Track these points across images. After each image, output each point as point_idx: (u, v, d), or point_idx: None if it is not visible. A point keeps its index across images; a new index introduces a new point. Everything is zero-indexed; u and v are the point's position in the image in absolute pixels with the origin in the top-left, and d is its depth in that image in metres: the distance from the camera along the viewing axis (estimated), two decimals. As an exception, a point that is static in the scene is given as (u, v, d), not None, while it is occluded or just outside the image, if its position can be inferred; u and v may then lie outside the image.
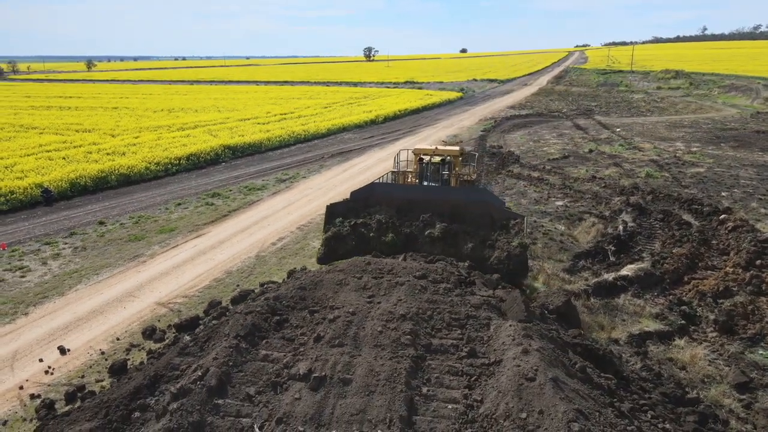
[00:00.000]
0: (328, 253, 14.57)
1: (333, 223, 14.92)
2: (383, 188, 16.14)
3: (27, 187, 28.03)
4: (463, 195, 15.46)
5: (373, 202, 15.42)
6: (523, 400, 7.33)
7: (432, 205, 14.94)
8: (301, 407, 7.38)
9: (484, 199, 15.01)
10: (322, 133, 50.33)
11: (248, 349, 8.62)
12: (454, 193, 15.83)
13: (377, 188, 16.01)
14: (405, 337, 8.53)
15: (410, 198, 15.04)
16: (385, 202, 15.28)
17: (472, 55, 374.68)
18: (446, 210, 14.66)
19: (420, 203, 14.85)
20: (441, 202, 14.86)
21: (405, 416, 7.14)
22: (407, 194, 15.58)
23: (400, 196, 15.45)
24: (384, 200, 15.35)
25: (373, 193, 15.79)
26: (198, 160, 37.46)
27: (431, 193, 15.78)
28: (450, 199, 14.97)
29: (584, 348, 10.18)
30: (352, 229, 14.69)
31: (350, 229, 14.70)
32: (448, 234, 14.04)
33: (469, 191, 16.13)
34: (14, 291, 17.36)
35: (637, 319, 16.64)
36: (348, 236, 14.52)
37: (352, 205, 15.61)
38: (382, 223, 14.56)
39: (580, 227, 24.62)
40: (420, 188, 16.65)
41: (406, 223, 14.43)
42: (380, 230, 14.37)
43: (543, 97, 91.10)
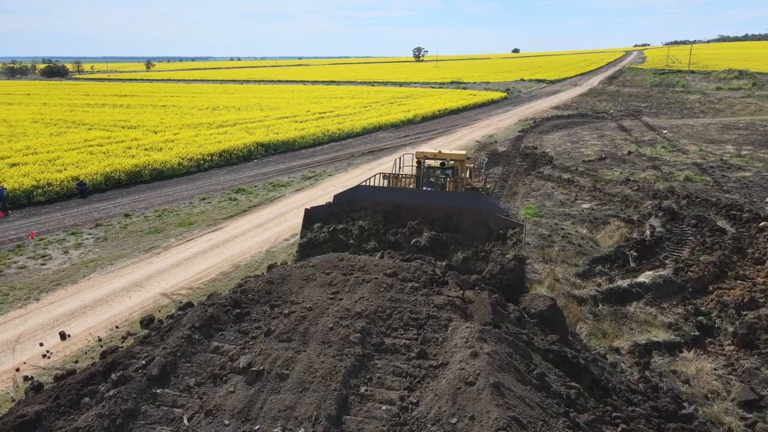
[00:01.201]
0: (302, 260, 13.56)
1: (311, 228, 14.30)
2: (369, 191, 15.20)
3: (64, 180, 29.36)
4: (457, 201, 14.32)
5: (358, 207, 14.59)
6: (457, 405, 7.04)
7: (423, 211, 13.98)
8: (232, 401, 7.34)
9: (479, 206, 13.86)
10: (357, 131, 50.49)
11: (201, 340, 8.66)
12: (447, 199, 14.56)
13: (362, 191, 15.17)
14: (354, 335, 8.36)
15: (398, 203, 14.27)
16: (371, 207, 14.41)
17: (524, 55, 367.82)
18: (439, 217, 13.79)
19: (410, 209, 14.05)
20: (433, 208, 13.97)
21: (333, 415, 6.98)
22: (395, 198, 14.62)
23: (387, 200, 14.54)
24: (370, 205, 14.48)
25: (358, 196, 14.96)
26: (230, 156, 38.26)
27: (422, 198, 14.68)
28: (442, 205, 14.02)
29: (557, 355, 9.70)
30: (331, 235, 13.82)
31: (328, 235, 13.83)
32: (436, 243, 13.08)
33: (464, 197, 14.69)
34: (33, 278, 18.17)
35: (647, 329, 15.82)
36: (325, 243, 13.62)
37: (335, 209, 14.81)
38: (364, 229, 13.67)
39: (603, 231, 23.68)
40: (409, 192, 15.26)
41: (391, 231, 13.55)
42: (362, 237, 13.48)
43: (591, 97, 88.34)
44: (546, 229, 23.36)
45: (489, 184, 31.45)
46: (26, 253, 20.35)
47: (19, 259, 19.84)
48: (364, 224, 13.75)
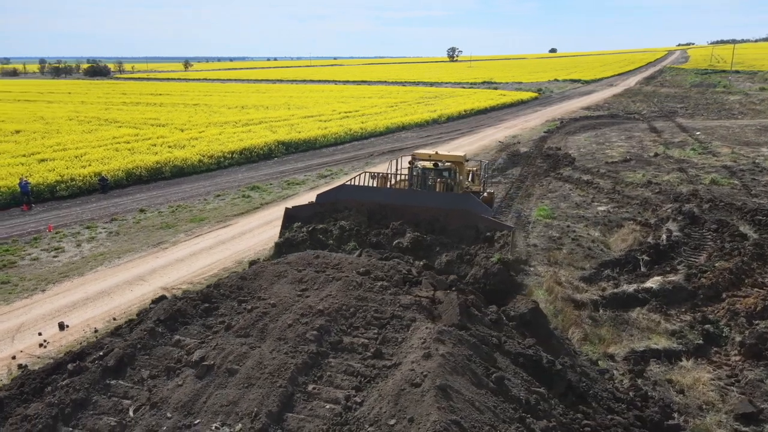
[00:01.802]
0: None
1: (290, 228, 14.01)
2: (353, 191, 14.82)
3: (87, 176, 30.26)
4: (444, 202, 13.81)
5: (341, 207, 14.24)
6: (398, 406, 6.90)
7: (409, 212, 13.53)
8: (179, 394, 7.39)
9: (467, 208, 13.36)
10: (380, 131, 50.49)
11: (164, 333, 8.76)
12: (434, 200, 14.02)
13: (346, 191, 14.81)
14: (311, 333, 8.30)
15: (383, 203, 13.96)
16: (355, 207, 14.06)
17: (561, 55, 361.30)
18: (425, 218, 13.38)
19: (395, 209, 13.64)
20: (419, 209, 13.52)
21: (274, 412, 6.94)
22: (380, 199, 14.20)
23: (371, 200, 14.17)
24: (354, 205, 14.13)
25: (341, 196, 14.62)
26: (251, 154, 38.75)
27: (407, 198, 14.22)
28: (428, 206, 13.56)
29: (528, 359, 9.44)
30: (310, 235, 13.49)
31: (307, 235, 13.52)
32: (419, 245, 12.66)
33: (451, 198, 14.15)
34: (43, 269, 18.76)
35: (647, 336, 15.29)
36: (302, 243, 13.31)
37: (318, 209, 14.49)
38: (345, 229, 13.30)
39: (616, 234, 23.03)
40: (395, 192, 14.73)
41: (373, 231, 13.16)
42: (342, 238, 13.14)
43: (625, 98, 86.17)
44: (557, 231, 22.87)
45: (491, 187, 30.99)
46: (41, 246, 21.04)
47: (33, 251, 20.52)
48: (345, 224, 13.37)
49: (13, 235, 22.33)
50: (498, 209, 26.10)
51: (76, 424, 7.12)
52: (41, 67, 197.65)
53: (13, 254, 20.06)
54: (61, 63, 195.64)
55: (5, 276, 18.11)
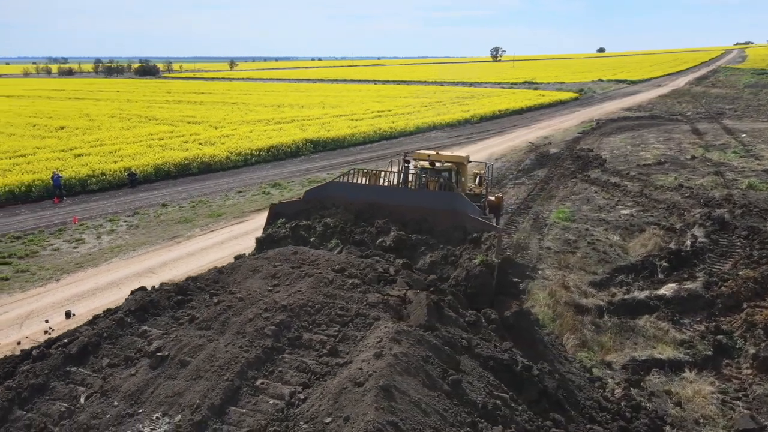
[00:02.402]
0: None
1: (273, 224, 13.93)
2: (341, 188, 14.56)
3: (117, 170, 31.32)
4: (432, 201, 13.42)
5: (329, 204, 14.01)
6: (337, 405, 6.81)
7: (396, 210, 13.25)
8: (129, 383, 7.51)
9: (454, 208, 12.88)
10: (410, 130, 50.33)
11: (132, 323, 8.93)
12: (422, 199, 13.64)
13: (334, 188, 14.59)
14: (270, 328, 8.29)
15: (371, 201, 13.61)
16: (342, 205, 13.81)
17: (609, 55, 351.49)
18: (413, 218, 13.09)
19: (383, 208, 13.37)
20: (407, 208, 13.21)
21: (216, 405, 6.96)
22: (367, 196, 13.89)
23: (359, 197, 13.88)
24: (342, 202, 13.89)
25: (329, 193, 14.41)
26: (278, 152, 39.27)
27: (395, 196, 13.90)
28: (416, 205, 13.22)
29: (500, 363, 9.18)
30: (292, 231, 13.34)
31: (289, 231, 13.36)
32: (403, 244, 12.33)
33: (439, 197, 13.73)
34: (61, 259, 19.50)
35: (653, 344, 14.69)
36: (284, 239, 13.14)
37: (305, 206, 14.30)
38: (329, 226, 13.07)
39: (637, 239, 22.21)
40: (382, 190, 14.43)
41: (358, 229, 12.93)
42: (325, 235, 12.94)
43: (672, 99, 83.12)
44: (573, 235, 22.26)
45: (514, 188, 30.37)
46: (64, 237, 21.88)
47: (56, 242, 21.36)
48: (329, 221, 13.24)
49: (41, 227, 23.31)
50: (516, 211, 25.63)
51: (30, 408, 7.35)
52: (95, 66, 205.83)
53: (36, 244, 20.93)
54: (113, 63, 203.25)
55: (26, 265, 18.91)
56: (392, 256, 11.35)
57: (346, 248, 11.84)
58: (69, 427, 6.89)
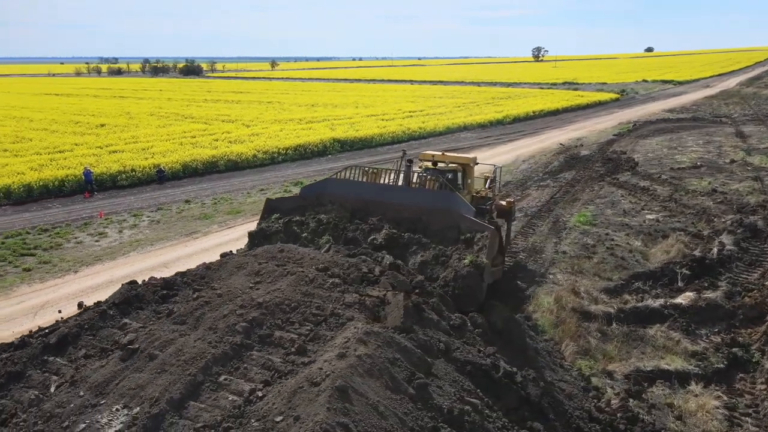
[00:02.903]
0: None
1: (268, 219, 13.85)
2: (338, 185, 14.39)
3: (146, 167, 32.22)
4: (427, 200, 13.14)
5: (326, 201, 13.88)
6: (291, 404, 6.77)
7: (391, 209, 13.04)
8: (98, 374, 7.68)
9: (448, 207, 12.55)
10: (439, 131, 50.01)
11: (114, 315, 9.14)
12: (417, 197, 13.35)
13: (331, 185, 14.44)
14: (241, 325, 8.33)
15: (366, 199, 13.46)
16: (339, 202, 13.68)
17: (657, 55, 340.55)
18: (408, 216, 12.86)
19: (378, 206, 13.19)
20: (401, 207, 12.99)
21: (176, 399, 7.03)
22: (363, 194, 13.71)
23: (354, 195, 13.71)
24: (338, 199, 13.76)
25: (327, 190, 14.25)
26: (305, 151, 39.65)
27: (390, 194, 13.64)
28: (411, 203, 12.97)
29: (477, 368, 8.98)
30: (285, 226, 13.24)
31: (282, 226, 13.26)
32: (394, 243, 12.11)
33: (435, 196, 13.39)
34: (82, 252, 20.19)
35: (661, 355, 14.14)
36: (276, 234, 13.07)
37: (302, 202, 14.20)
38: (322, 222, 12.95)
39: (659, 245, 21.43)
40: (377, 188, 14.13)
41: (351, 227, 12.79)
42: (317, 231, 12.80)
43: (718, 100, 79.94)
44: (592, 239, 21.65)
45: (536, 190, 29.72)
46: (88, 231, 22.64)
47: (80, 235, 22.12)
48: (323, 218, 13.12)
49: (69, 220, 24.19)
50: (536, 214, 25.11)
51: (5, 394, 7.62)
52: (142, 66, 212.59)
53: (62, 237, 21.74)
54: (159, 63, 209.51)
55: (49, 256, 19.66)
56: (381, 255, 11.19)
57: (334, 246, 11.77)
58: (35, 414, 7.11)
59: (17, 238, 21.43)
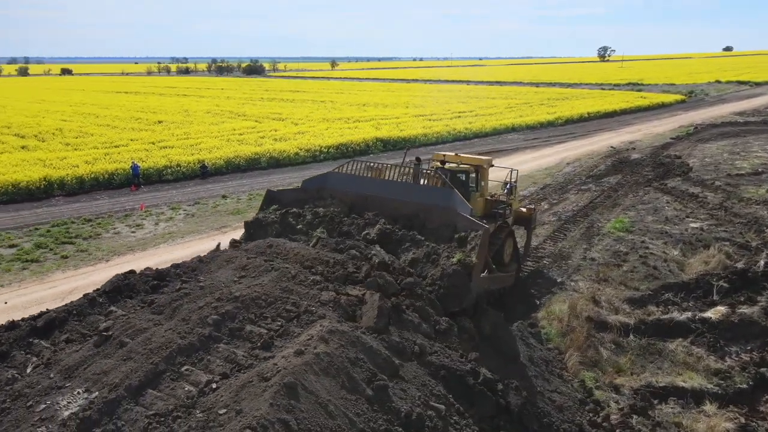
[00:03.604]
0: (246, 240, 13.02)
1: (266, 210, 13.84)
2: (339, 180, 14.19)
3: (191, 162, 33.42)
4: (425, 197, 12.83)
5: (326, 195, 13.77)
6: (237, 397, 6.78)
7: (390, 205, 12.80)
8: (70, 358, 7.97)
9: (446, 204, 12.16)
10: (486, 132, 49.23)
11: (103, 303, 9.48)
12: (415, 194, 13.03)
13: (332, 179, 14.25)
14: (213, 317, 8.42)
15: (365, 193, 13.23)
16: (339, 196, 13.56)
17: (736, 54, 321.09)
18: (406, 213, 12.59)
19: (377, 201, 12.95)
20: (400, 203, 12.71)
21: (134, 386, 7.20)
22: (362, 189, 13.48)
23: (354, 190, 13.52)
24: (338, 193, 13.64)
25: (328, 184, 14.12)
26: (347, 149, 39.98)
27: (388, 190, 13.30)
28: (409, 200, 12.68)
29: (452, 373, 8.73)
30: (281, 218, 13.16)
31: (278, 217, 13.19)
32: (387, 238, 11.85)
33: (434, 193, 13.05)
34: (118, 242, 21.16)
35: (679, 371, 13.33)
36: (271, 225, 13.03)
37: (302, 195, 14.13)
38: (318, 215, 12.83)
39: (699, 255, 20.21)
40: (377, 183, 13.80)
41: (347, 221, 12.62)
42: (312, 224, 12.66)
43: (796, 103, 74.67)
44: (626, 246, 20.69)
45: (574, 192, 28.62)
46: (127, 222, 23.71)
47: (119, 226, 23.20)
48: (320, 210, 13.03)
49: (112, 211, 25.42)
50: (570, 219, 24.26)
51: (-11, 373, 8.08)
52: (209, 65, 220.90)
53: (102, 227, 22.87)
54: (224, 62, 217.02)
55: (87, 245, 20.72)
56: (371, 252, 10.98)
57: (324, 240, 11.62)
58: (6, 393, 7.49)
59: (62, 227, 22.71)
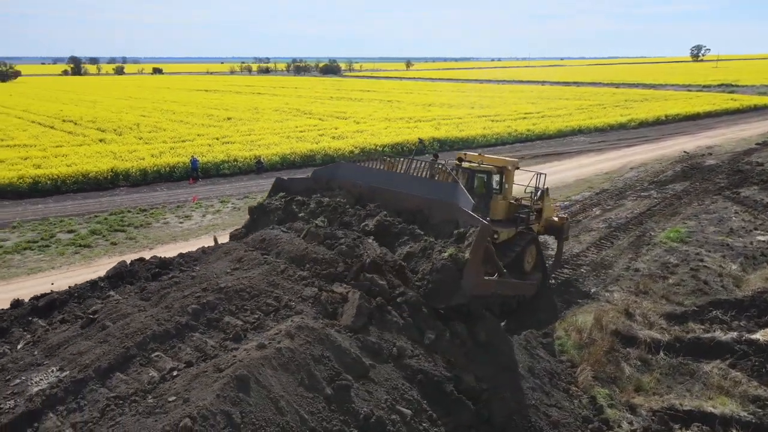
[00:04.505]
0: (248, 226, 13.21)
1: (272, 197, 13.88)
2: (349, 170, 14.02)
3: (248, 158, 34.51)
4: (430, 191, 12.34)
5: (335, 185, 13.61)
6: (189, 386, 6.71)
7: (395, 198, 12.45)
8: (56, 338, 8.31)
9: (449, 199, 11.66)
10: (550, 133, 47.53)
11: (104, 287, 9.87)
12: (421, 187, 12.61)
13: (343, 169, 14.10)
14: (193, 306, 8.50)
15: (373, 185, 12.94)
16: (347, 187, 13.34)
17: None
18: (409, 207, 12.18)
19: (383, 193, 12.64)
20: (405, 196, 12.33)
21: (104, 368, 7.38)
22: (369, 180, 13.20)
23: (362, 181, 13.27)
24: (347, 185, 13.41)
25: (337, 174, 13.96)
26: (402, 149, 39.83)
27: (395, 182, 12.98)
28: (414, 193, 12.29)
29: (430, 378, 8.38)
30: (285, 204, 13.13)
31: (282, 204, 13.17)
32: (385, 230, 11.47)
33: (439, 187, 12.57)
34: (165, 232, 22.16)
35: (711, 395, 12.20)
36: (274, 212, 13.03)
37: (312, 184, 13.99)
38: (322, 204, 12.67)
39: (761, 271, 18.50)
40: (383, 175, 13.46)
41: (349, 211, 12.36)
42: (315, 212, 12.47)
43: None
44: (677, 258, 19.27)
45: (630, 201, 26.94)
46: (177, 213, 24.80)
47: (170, 216, 24.31)
48: (324, 200, 12.89)
49: (167, 203, 26.69)
50: (621, 226, 22.90)
51: (-12, 347, 8.64)
52: (288, 65, 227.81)
53: (153, 217, 24.05)
54: (302, 62, 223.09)
55: (136, 233, 21.87)
56: (364, 248, 10.68)
57: (316, 230, 11.25)
58: (-6, 366, 7.99)
59: (118, 216, 24.09)
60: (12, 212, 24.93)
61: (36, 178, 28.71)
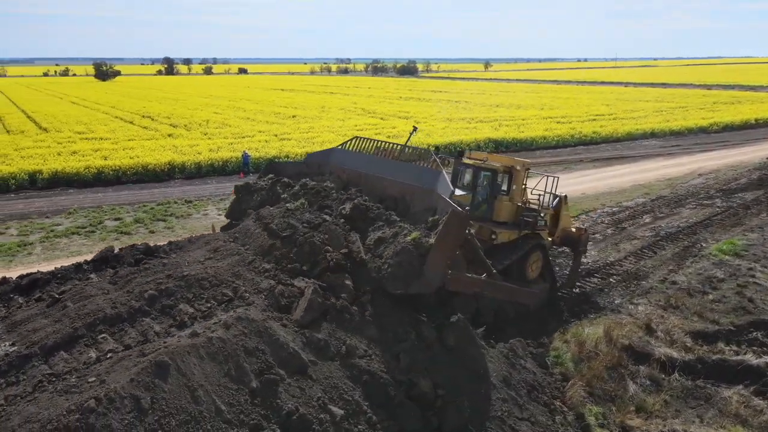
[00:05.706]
0: (233, 206, 13.43)
1: (261, 178, 13.94)
2: (340, 155, 13.84)
3: (299, 154, 35.13)
4: (412, 178, 12.02)
5: (327, 171, 13.47)
6: (112, 369, 6.79)
7: (379, 184, 12.27)
8: (23, 315, 8.70)
9: (428, 186, 11.28)
10: (618, 136, 45.02)
11: (87, 270, 10.22)
12: (402, 173, 12.31)
13: (336, 155, 13.92)
14: (150, 292, 8.42)
15: (360, 171, 12.80)
16: (338, 172, 13.22)
17: None
18: (392, 194, 11.94)
19: (368, 179, 12.48)
20: (388, 182, 12.12)
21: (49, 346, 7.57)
22: (356, 166, 13.07)
23: (351, 167, 13.12)
24: (338, 170, 13.29)
25: (329, 159, 13.84)
26: (453, 150, 39.09)
27: (381, 168, 12.73)
28: (394, 179, 12.07)
29: (376, 380, 8.01)
30: (271, 185, 13.16)
31: (268, 184, 13.21)
32: (361, 215, 11.14)
33: (418, 172, 12.16)
34: (201, 223, 22.89)
35: (724, 423, 11.00)
36: (259, 191, 13.11)
37: (305, 169, 13.91)
38: (306, 186, 12.56)
39: (816, 291, 16.50)
40: (368, 160, 13.22)
41: (334, 195, 12.18)
42: (297, 195, 12.38)
43: None
44: (724, 272, 17.59)
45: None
46: (219, 205, 25.58)
47: (210, 208, 25.21)
48: (307, 182, 12.82)
49: (213, 195, 27.69)
50: (670, 236, 21.21)
51: (-33, 320, 9.23)
52: (366, 66, 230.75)
53: (195, 208, 25.01)
54: (380, 63, 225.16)
55: (175, 223, 22.83)
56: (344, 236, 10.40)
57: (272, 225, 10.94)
58: (-40, 336, 8.52)
59: (164, 206, 25.26)
60: (73, 199, 26.78)
61: (100, 169, 30.70)
